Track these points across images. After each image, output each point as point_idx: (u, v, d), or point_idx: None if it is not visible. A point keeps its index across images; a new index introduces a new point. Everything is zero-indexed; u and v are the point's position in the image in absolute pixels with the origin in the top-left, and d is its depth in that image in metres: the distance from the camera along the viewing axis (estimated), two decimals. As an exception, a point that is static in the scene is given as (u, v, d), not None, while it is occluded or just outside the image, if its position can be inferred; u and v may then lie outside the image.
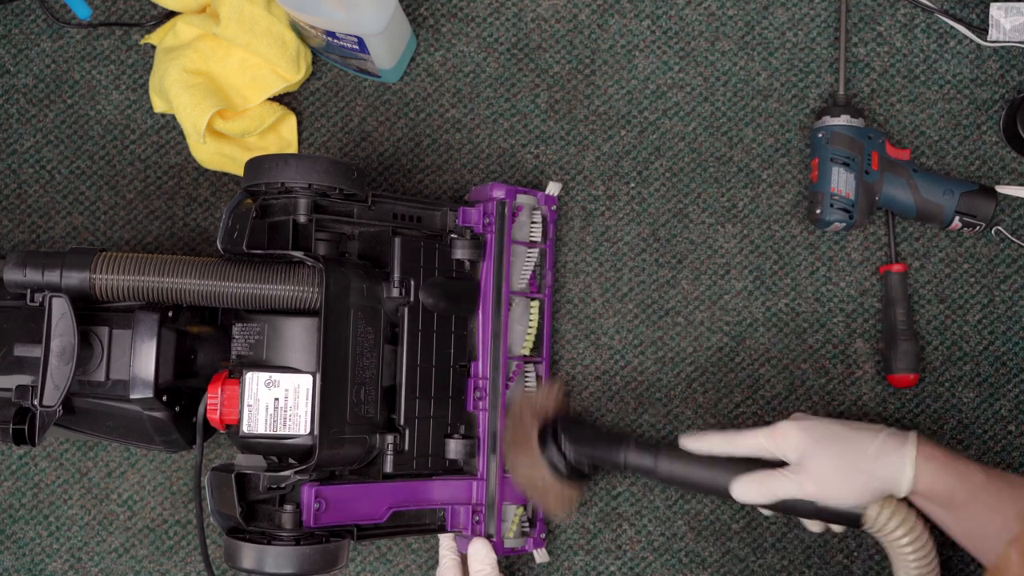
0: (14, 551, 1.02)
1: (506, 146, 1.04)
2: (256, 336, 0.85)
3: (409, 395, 0.89)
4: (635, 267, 1.03)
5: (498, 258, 0.94)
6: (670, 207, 1.03)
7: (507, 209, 0.94)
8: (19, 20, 1.06)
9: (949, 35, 1.03)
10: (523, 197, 0.96)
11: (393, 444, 0.88)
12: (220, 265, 0.85)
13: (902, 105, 1.03)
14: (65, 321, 0.81)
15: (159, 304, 0.86)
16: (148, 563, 1.02)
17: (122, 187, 1.05)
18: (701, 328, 1.02)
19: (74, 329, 0.81)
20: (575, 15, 1.04)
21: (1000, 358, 1.01)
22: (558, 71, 1.04)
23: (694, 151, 1.03)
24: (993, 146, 1.03)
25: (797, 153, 1.03)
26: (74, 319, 0.81)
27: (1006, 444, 1.01)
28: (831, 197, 0.97)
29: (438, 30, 1.05)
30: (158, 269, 0.84)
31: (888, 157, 0.99)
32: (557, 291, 1.03)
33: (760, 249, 1.03)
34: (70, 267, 0.83)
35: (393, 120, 1.04)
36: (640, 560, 1.01)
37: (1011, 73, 1.03)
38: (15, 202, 1.05)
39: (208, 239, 1.04)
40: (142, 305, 0.86)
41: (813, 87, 1.03)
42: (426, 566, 1.01)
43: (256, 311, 0.86)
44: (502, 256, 0.94)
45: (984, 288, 1.02)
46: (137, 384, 0.85)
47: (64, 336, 0.81)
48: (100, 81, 1.05)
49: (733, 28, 1.04)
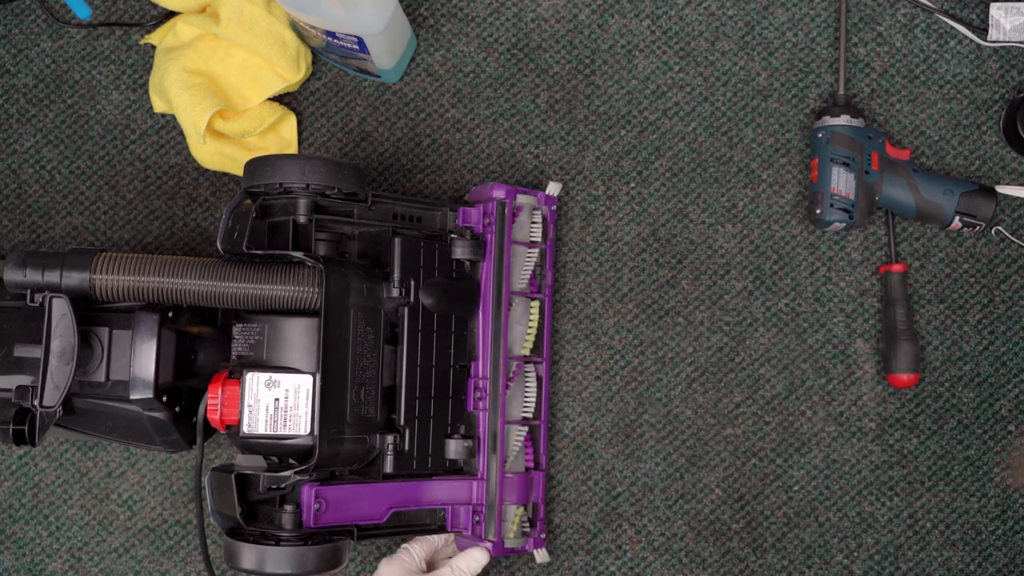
0: (14, 551, 1.02)
1: (506, 146, 1.04)
2: (256, 336, 0.85)
3: (409, 395, 0.89)
4: (635, 267, 1.03)
5: (498, 258, 0.94)
6: (670, 207, 1.03)
7: (507, 209, 0.94)
8: (19, 20, 1.06)
9: (949, 35, 1.03)
10: (523, 197, 0.96)
11: (393, 444, 0.88)
12: (220, 265, 0.85)
13: (902, 105, 1.03)
14: (65, 322, 0.81)
15: (159, 304, 0.86)
16: (148, 563, 1.02)
17: (122, 187, 1.05)
18: (701, 328, 1.02)
19: (74, 329, 0.81)
20: (575, 15, 1.04)
21: (1000, 358, 1.01)
22: (558, 71, 1.04)
23: (694, 151, 1.03)
24: (993, 146, 1.03)
25: (797, 153, 1.03)
26: (74, 319, 0.81)
27: (1006, 444, 1.01)
28: (831, 197, 0.97)
29: (438, 30, 1.05)
30: (158, 269, 0.84)
31: (888, 157, 0.99)
32: (557, 291, 1.03)
33: (760, 249, 1.03)
34: (70, 267, 0.83)
35: (393, 120, 1.04)
36: (640, 560, 1.01)
37: (1011, 73, 1.03)
38: (15, 202, 1.05)
39: (208, 239, 1.04)
40: (142, 306, 0.86)
41: (813, 87, 1.03)
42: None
43: (256, 311, 0.86)
44: (502, 256, 0.94)
45: (984, 288, 1.02)
46: (137, 385, 0.85)
47: (64, 337, 0.81)
48: (100, 81, 1.05)
49: (733, 28, 1.04)
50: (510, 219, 0.94)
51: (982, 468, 1.00)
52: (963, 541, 1.00)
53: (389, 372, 0.89)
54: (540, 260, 0.98)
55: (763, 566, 1.00)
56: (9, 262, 0.84)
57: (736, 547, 1.01)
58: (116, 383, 0.85)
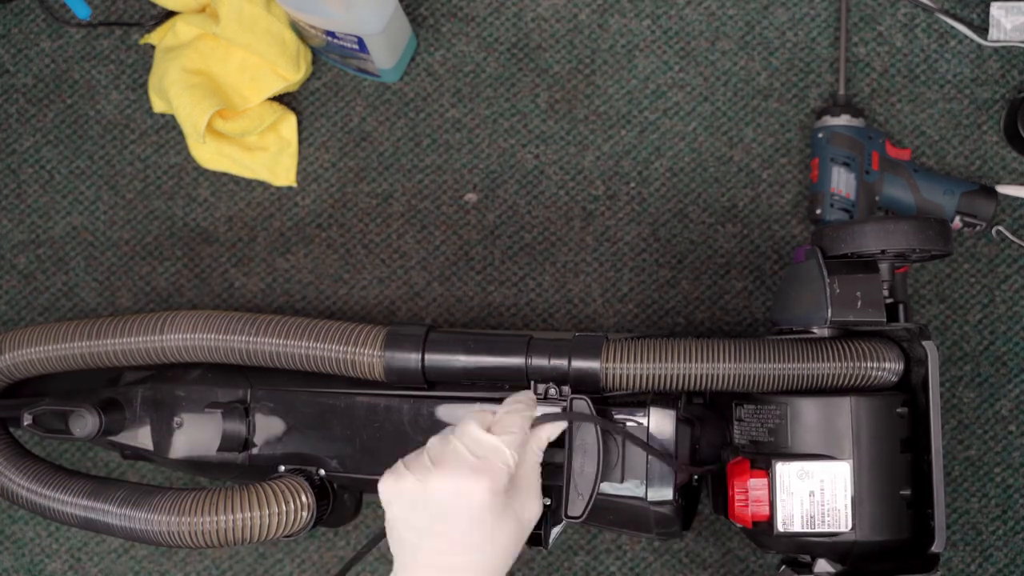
0: (14, 551, 1.02)
1: (506, 146, 1.04)
2: (776, 420, 0.76)
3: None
4: (635, 267, 1.03)
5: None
6: (670, 207, 1.03)
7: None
8: (19, 20, 1.06)
9: (950, 35, 1.03)
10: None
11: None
12: (757, 345, 0.77)
13: (902, 105, 1.03)
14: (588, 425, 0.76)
15: (668, 394, 0.80)
16: (148, 563, 1.02)
17: (122, 187, 1.05)
18: (701, 328, 1.02)
19: (598, 434, 0.76)
20: (575, 15, 1.04)
21: (1000, 358, 1.01)
22: (558, 71, 1.04)
23: (694, 151, 1.03)
24: (993, 146, 1.03)
25: (797, 153, 1.03)
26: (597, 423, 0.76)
27: (1006, 444, 1.01)
28: (831, 197, 0.97)
29: (438, 30, 1.05)
30: (683, 355, 0.76)
31: (888, 157, 0.99)
32: (557, 291, 1.03)
33: (760, 249, 1.02)
34: (579, 355, 0.77)
35: (393, 120, 1.04)
36: (640, 560, 1.01)
37: (1012, 73, 1.03)
38: (15, 202, 1.05)
39: (208, 239, 1.04)
40: (654, 399, 0.80)
41: (813, 87, 1.03)
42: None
43: (776, 392, 0.77)
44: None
45: (984, 288, 1.02)
46: (656, 486, 0.79)
47: (587, 440, 0.76)
48: (100, 81, 1.05)
49: (733, 28, 1.04)
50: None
51: (982, 468, 1.00)
52: (963, 541, 1.00)
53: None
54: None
55: (763, 566, 1.00)
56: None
57: (736, 547, 1.01)
58: (630, 482, 0.79)
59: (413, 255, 1.04)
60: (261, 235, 1.04)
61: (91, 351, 0.85)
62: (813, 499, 0.74)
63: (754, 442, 0.78)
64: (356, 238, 1.04)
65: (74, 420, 0.84)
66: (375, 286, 1.03)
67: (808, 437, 0.75)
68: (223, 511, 0.78)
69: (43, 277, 1.04)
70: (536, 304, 1.03)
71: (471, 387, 0.83)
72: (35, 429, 0.84)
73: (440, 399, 0.84)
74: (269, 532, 0.79)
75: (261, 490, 0.80)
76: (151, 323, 0.85)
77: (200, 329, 0.83)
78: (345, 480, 0.85)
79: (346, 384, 0.85)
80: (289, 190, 1.04)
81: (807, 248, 0.79)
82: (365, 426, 0.84)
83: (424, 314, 1.03)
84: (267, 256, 1.04)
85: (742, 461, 0.77)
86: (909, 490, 0.75)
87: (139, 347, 0.85)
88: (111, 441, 0.88)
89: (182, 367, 0.89)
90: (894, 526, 0.75)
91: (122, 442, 0.88)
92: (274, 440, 0.86)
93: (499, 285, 1.03)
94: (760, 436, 0.77)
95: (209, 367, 0.88)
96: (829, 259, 0.77)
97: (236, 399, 0.86)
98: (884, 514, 0.74)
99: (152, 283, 1.04)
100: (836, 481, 0.74)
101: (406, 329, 0.82)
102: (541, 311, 1.03)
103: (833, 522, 0.74)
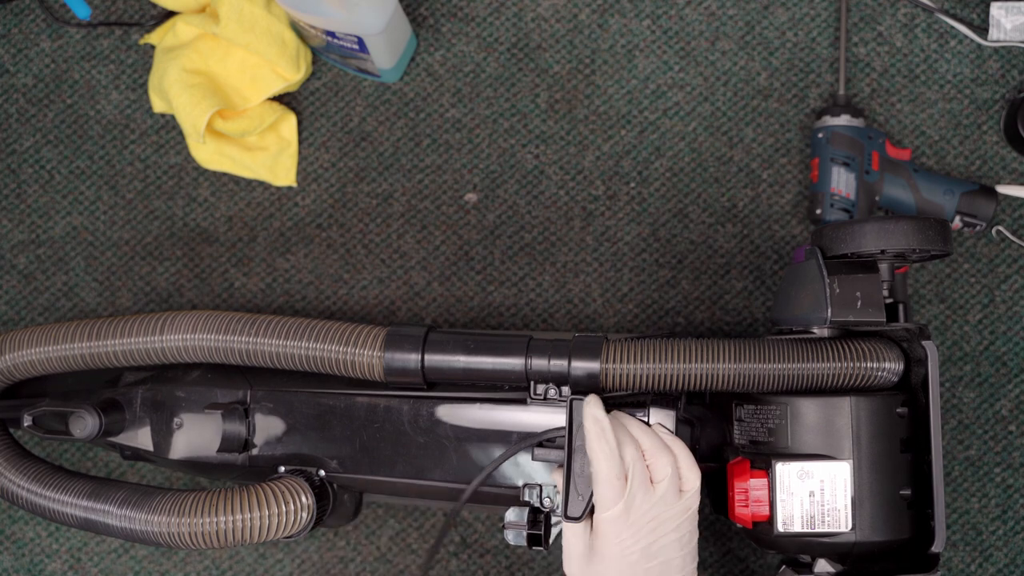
0: (14, 551, 1.02)
1: (506, 146, 1.04)
2: (776, 420, 0.76)
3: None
4: (635, 267, 1.03)
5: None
6: (670, 207, 1.03)
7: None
8: (19, 20, 1.06)
9: (950, 35, 1.03)
10: None
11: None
12: (757, 345, 0.77)
13: (902, 105, 1.03)
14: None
15: (666, 394, 0.80)
16: (148, 563, 1.02)
17: (122, 187, 1.05)
18: (701, 328, 1.02)
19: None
20: (575, 15, 1.04)
21: (1000, 358, 1.01)
22: (558, 71, 1.04)
23: (694, 151, 1.03)
24: (993, 146, 1.03)
25: (797, 153, 1.03)
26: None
27: (1006, 444, 1.01)
28: (831, 197, 0.97)
29: (438, 30, 1.05)
30: (682, 355, 0.76)
31: (888, 157, 0.99)
32: (557, 291, 1.03)
33: (760, 249, 1.02)
34: (579, 356, 0.77)
35: (393, 120, 1.04)
36: (640, 560, 1.01)
37: (1011, 73, 1.03)
38: (15, 202, 1.05)
39: (208, 239, 1.04)
40: (654, 399, 0.80)
41: (813, 87, 1.03)
42: (426, 566, 1.01)
43: (775, 393, 0.77)
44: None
45: (984, 288, 1.02)
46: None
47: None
48: (100, 81, 1.05)
49: (733, 28, 1.04)
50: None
51: (982, 468, 1.00)
52: (963, 541, 1.00)
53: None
54: None
55: (763, 566, 1.00)
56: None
57: (736, 547, 1.01)
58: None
59: (413, 255, 1.04)
60: (261, 235, 1.04)
61: (91, 352, 0.85)
62: (813, 499, 0.74)
63: (754, 442, 0.78)
64: (356, 238, 1.04)
65: (74, 421, 0.84)
66: (375, 286, 1.03)
67: (808, 437, 0.75)
68: (223, 512, 0.78)
69: (43, 277, 1.04)
70: (536, 304, 1.03)
71: (471, 387, 0.83)
72: (35, 430, 0.84)
73: (440, 399, 0.84)
74: (269, 533, 0.79)
75: (261, 491, 0.80)
76: (151, 323, 0.85)
77: (200, 330, 0.83)
78: (345, 480, 0.85)
79: (346, 385, 0.85)
80: (289, 190, 1.04)
81: (807, 248, 0.79)
82: (365, 427, 0.84)
83: (424, 314, 1.03)
84: (267, 256, 1.04)
85: (742, 461, 0.77)
86: (909, 490, 0.75)
87: (139, 347, 0.84)
88: (111, 442, 0.88)
89: (182, 368, 0.89)
90: (894, 526, 0.75)
91: (122, 443, 0.88)
92: (274, 441, 0.86)
93: (499, 285, 1.03)
94: (760, 436, 0.77)
95: (209, 368, 0.88)
96: (829, 259, 0.77)
97: (236, 400, 0.86)
98: (884, 514, 0.74)
99: (152, 283, 1.04)
100: (836, 481, 0.74)
101: (406, 330, 0.82)
102: (541, 311, 1.03)
103: (833, 522, 0.74)
